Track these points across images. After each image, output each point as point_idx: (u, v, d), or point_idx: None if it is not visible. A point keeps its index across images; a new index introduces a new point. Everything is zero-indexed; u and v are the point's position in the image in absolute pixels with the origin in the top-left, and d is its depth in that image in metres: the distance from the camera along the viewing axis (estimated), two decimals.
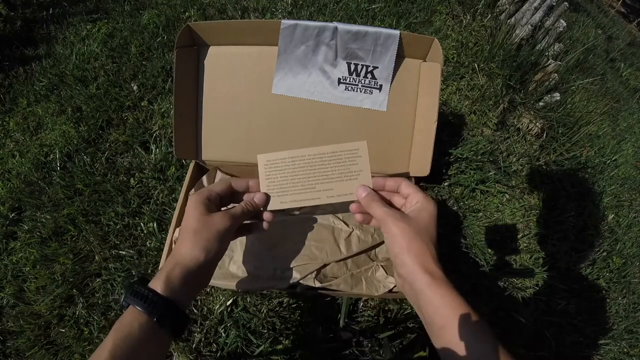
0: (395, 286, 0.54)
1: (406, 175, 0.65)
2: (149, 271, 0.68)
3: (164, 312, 0.32)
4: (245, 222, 0.43)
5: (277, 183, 0.44)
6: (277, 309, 0.65)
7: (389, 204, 0.41)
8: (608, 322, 0.78)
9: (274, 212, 0.43)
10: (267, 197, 0.43)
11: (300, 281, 0.51)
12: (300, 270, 0.52)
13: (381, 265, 0.55)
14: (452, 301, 0.33)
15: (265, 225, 0.43)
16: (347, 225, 0.57)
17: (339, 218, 0.57)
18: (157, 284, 0.33)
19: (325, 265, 0.54)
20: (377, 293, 0.53)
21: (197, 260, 0.36)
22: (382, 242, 0.59)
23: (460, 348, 0.31)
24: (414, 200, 0.39)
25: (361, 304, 0.67)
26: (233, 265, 0.53)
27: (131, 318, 0.31)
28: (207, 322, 0.63)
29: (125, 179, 0.81)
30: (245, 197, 0.43)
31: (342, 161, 0.44)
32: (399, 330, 0.64)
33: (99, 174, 0.82)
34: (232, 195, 0.43)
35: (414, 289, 0.35)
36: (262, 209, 0.43)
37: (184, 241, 0.37)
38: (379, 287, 0.54)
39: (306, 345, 0.62)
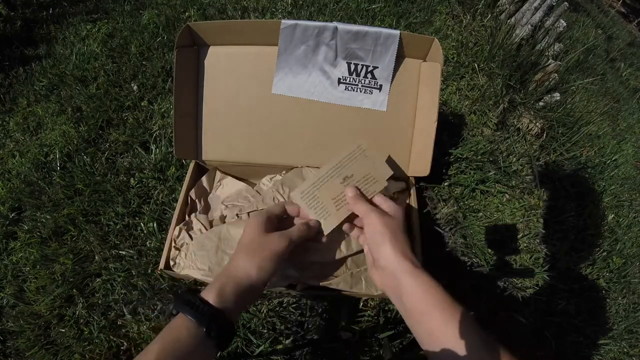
0: None
1: (404, 177, 0.65)
2: (149, 271, 0.68)
3: (213, 322, 0.32)
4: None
5: (320, 208, 0.47)
6: (277, 309, 0.65)
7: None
8: (608, 322, 0.78)
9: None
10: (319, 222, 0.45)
11: (300, 280, 0.51)
12: (300, 268, 0.51)
13: None
14: (431, 288, 0.35)
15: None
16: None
17: None
18: (208, 295, 0.34)
19: (324, 264, 0.54)
20: (377, 292, 0.53)
21: (250, 277, 0.37)
22: None
23: (439, 331, 0.33)
24: (387, 207, 0.44)
25: (361, 304, 0.67)
26: None
27: (180, 325, 0.32)
28: None
29: (125, 179, 0.81)
30: (298, 220, 0.45)
31: (357, 160, 0.49)
32: (399, 330, 0.64)
33: (99, 174, 0.82)
34: (285, 219, 0.46)
35: (395, 278, 0.37)
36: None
37: (240, 257, 0.38)
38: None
39: (306, 345, 0.62)
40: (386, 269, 0.39)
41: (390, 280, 0.38)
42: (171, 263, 0.53)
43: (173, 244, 0.54)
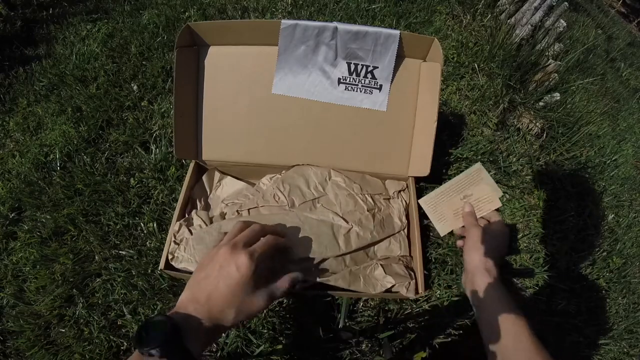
0: (393, 285, 0.54)
1: (403, 178, 0.65)
2: (149, 271, 0.68)
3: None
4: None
5: (438, 214, 0.61)
6: (277, 309, 0.65)
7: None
8: (608, 322, 0.78)
9: None
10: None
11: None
12: (298, 263, 0.51)
13: (380, 264, 0.55)
14: (500, 295, 0.48)
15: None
16: (347, 222, 0.57)
17: (338, 215, 0.57)
18: (196, 345, 0.33)
19: (323, 260, 0.54)
20: (375, 291, 0.53)
21: (223, 327, 0.37)
22: (381, 240, 0.59)
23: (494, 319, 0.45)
24: (494, 224, 0.58)
25: (361, 304, 0.67)
26: None
27: None
28: None
29: (125, 179, 0.81)
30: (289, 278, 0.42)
31: (475, 181, 0.60)
32: (399, 330, 0.64)
33: (99, 174, 0.82)
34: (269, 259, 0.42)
35: (473, 283, 0.51)
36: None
37: (222, 308, 0.36)
38: (376, 285, 0.54)
39: (306, 345, 0.62)
40: (468, 271, 0.53)
41: (469, 280, 0.52)
42: (170, 257, 0.53)
43: (173, 239, 0.54)
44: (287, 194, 0.59)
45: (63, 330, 0.66)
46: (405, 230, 0.62)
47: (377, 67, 0.59)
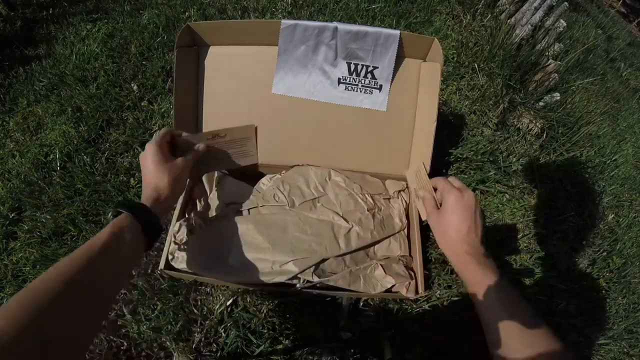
0: (393, 285, 0.54)
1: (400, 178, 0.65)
2: (149, 271, 0.68)
3: (146, 219, 0.41)
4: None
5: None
6: (277, 309, 0.65)
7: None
8: (608, 322, 0.78)
9: None
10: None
11: (299, 275, 0.51)
12: (299, 264, 0.51)
13: (380, 264, 0.55)
14: (472, 275, 0.44)
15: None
16: (347, 222, 0.57)
17: (338, 214, 0.57)
18: (145, 202, 0.44)
19: (324, 260, 0.53)
20: (375, 291, 0.53)
21: (165, 193, 0.46)
22: (381, 240, 0.59)
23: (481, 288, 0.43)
24: (442, 200, 0.49)
25: (361, 304, 0.67)
26: (232, 259, 0.53)
27: (122, 220, 0.40)
28: (207, 322, 0.63)
29: (125, 179, 0.81)
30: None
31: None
32: (399, 330, 0.64)
33: (99, 174, 0.82)
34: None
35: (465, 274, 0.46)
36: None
37: (154, 181, 0.46)
38: (376, 285, 0.54)
39: (306, 345, 0.62)
40: (453, 253, 0.47)
41: (456, 263, 0.48)
42: (170, 257, 0.53)
43: (173, 239, 0.54)
44: (287, 193, 0.59)
45: None
46: (405, 230, 0.62)
47: (377, 67, 0.59)
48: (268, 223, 0.55)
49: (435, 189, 0.52)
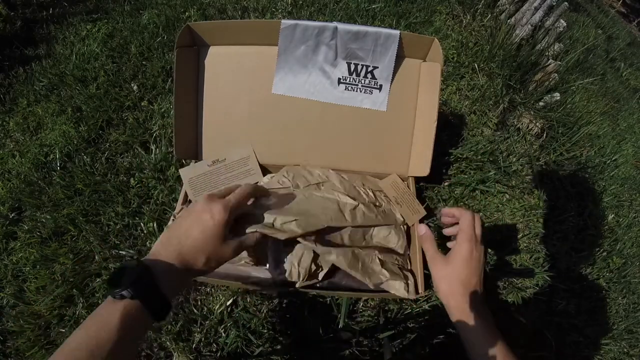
0: (386, 280, 0.53)
1: (403, 176, 0.65)
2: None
3: (164, 313, 0.34)
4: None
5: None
6: (277, 309, 0.65)
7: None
8: (608, 322, 0.78)
9: None
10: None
11: (299, 239, 0.49)
12: (302, 225, 0.49)
13: (379, 258, 0.55)
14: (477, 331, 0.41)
15: None
16: (354, 200, 0.57)
17: (344, 194, 0.57)
18: (166, 285, 0.34)
19: (328, 231, 0.52)
20: (369, 281, 0.52)
21: (194, 272, 0.38)
22: (384, 225, 0.58)
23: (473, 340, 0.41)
24: (457, 245, 0.45)
25: (361, 304, 0.67)
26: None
27: (133, 310, 0.32)
28: (207, 322, 0.63)
29: (125, 179, 0.81)
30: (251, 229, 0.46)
31: None
32: (399, 330, 0.64)
33: (99, 174, 0.82)
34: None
35: (464, 323, 0.43)
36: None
37: (194, 253, 0.37)
38: (372, 276, 0.53)
39: (306, 345, 0.62)
40: (454, 302, 0.44)
41: (455, 309, 0.45)
42: None
43: None
44: (292, 178, 0.59)
45: (63, 331, 0.66)
46: (405, 227, 0.62)
47: (377, 67, 0.59)
48: (273, 198, 0.53)
49: (451, 216, 0.49)
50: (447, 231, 0.50)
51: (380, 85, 0.60)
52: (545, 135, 0.96)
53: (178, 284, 0.37)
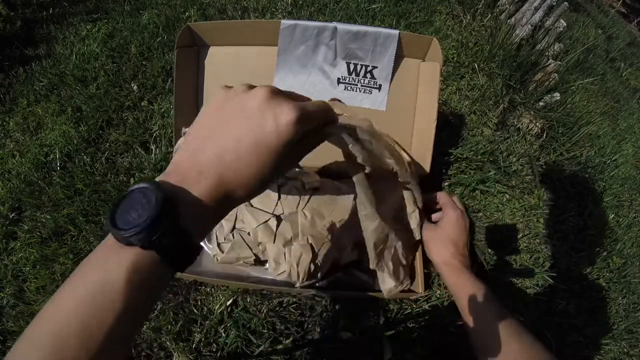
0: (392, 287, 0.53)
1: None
2: None
3: (185, 261, 0.23)
4: None
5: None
6: (277, 309, 0.65)
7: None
8: (608, 322, 0.78)
9: None
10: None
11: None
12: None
13: (387, 269, 0.54)
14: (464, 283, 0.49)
15: None
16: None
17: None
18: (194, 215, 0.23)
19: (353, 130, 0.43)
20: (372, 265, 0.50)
21: (234, 202, 0.26)
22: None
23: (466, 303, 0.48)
24: (444, 214, 0.57)
25: (361, 304, 0.67)
26: None
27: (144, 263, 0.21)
28: (207, 322, 0.63)
29: (125, 179, 0.81)
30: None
31: None
32: (399, 330, 0.64)
33: (99, 174, 0.82)
34: None
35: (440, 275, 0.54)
36: None
37: (240, 175, 0.24)
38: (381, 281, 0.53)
39: (306, 345, 0.62)
40: (443, 264, 0.54)
41: (446, 274, 0.55)
42: None
43: None
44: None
45: None
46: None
47: (377, 67, 0.59)
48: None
49: (434, 202, 0.60)
50: (434, 216, 0.59)
51: (380, 85, 0.60)
52: (545, 135, 0.96)
53: (213, 223, 0.26)
